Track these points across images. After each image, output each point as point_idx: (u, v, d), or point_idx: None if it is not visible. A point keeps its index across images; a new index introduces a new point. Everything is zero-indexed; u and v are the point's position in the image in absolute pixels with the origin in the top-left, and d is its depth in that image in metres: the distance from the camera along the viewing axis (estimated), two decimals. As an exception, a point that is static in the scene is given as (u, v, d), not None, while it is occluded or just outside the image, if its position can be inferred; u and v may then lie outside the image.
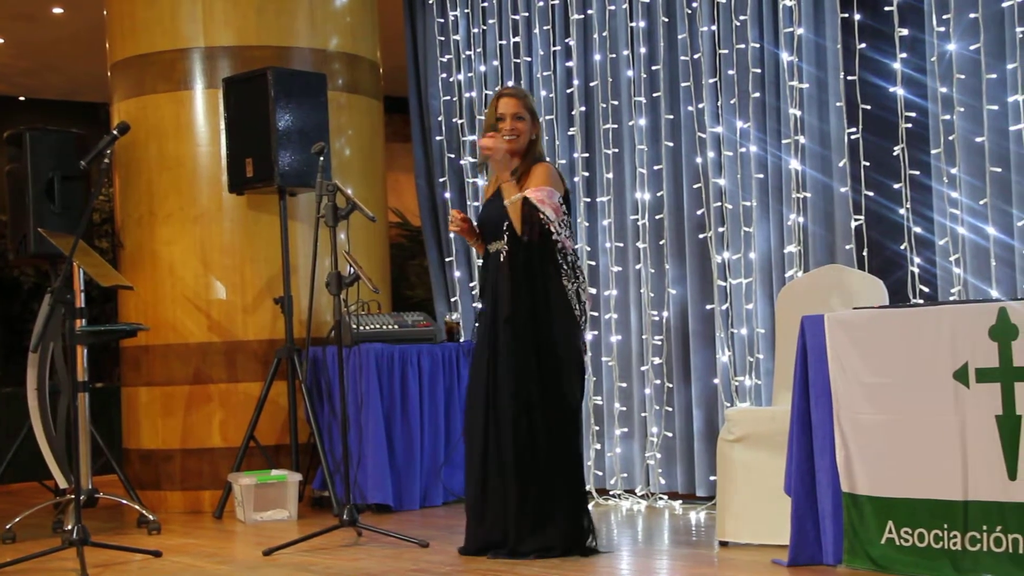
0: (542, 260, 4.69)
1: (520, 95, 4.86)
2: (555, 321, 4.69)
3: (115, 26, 6.99)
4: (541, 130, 4.90)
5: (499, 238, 4.79)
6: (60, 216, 6.39)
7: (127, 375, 6.90)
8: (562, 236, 4.69)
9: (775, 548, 4.55)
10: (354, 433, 6.18)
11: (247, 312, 6.64)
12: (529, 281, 4.69)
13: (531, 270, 4.68)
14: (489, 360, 4.76)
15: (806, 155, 5.60)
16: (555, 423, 4.72)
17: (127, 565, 5.04)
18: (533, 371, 4.68)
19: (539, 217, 4.63)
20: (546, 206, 4.64)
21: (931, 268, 5.24)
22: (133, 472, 6.76)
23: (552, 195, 4.69)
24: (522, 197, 4.65)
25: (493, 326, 4.78)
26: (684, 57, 6.06)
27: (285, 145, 6.32)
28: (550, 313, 4.69)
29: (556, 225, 4.66)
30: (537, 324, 4.69)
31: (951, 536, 4.02)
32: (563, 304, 4.70)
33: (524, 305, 4.68)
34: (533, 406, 4.69)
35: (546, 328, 4.70)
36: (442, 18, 7.13)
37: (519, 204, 4.65)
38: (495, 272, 4.80)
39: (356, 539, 5.38)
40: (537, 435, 4.69)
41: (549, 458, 4.70)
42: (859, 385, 4.22)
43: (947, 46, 5.12)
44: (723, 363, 5.88)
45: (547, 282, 4.69)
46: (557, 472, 4.71)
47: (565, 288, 4.70)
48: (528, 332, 4.69)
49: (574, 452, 4.78)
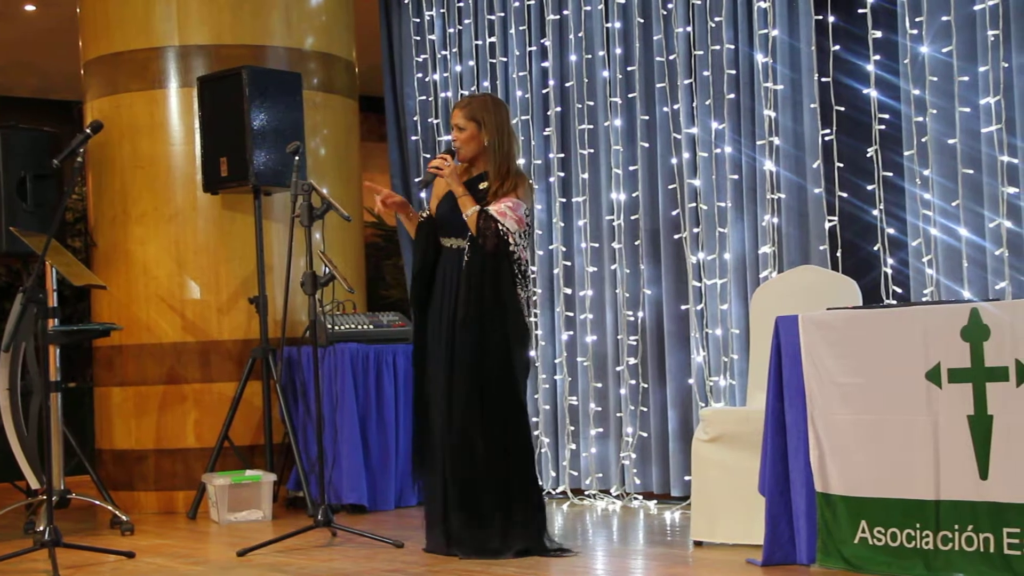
0: (499, 268, 4.82)
1: (462, 104, 4.99)
2: (509, 327, 4.83)
3: (88, 24, 6.95)
4: (505, 132, 4.91)
5: (458, 236, 4.90)
6: (32, 215, 6.35)
7: (100, 375, 6.86)
8: (519, 248, 4.83)
9: (749, 548, 4.57)
10: (329, 433, 6.16)
11: (222, 312, 6.61)
12: (490, 288, 4.82)
13: (491, 278, 4.83)
14: (442, 356, 4.87)
15: (780, 156, 5.63)
16: (509, 425, 4.83)
17: (100, 566, 5.02)
18: (487, 372, 4.81)
19: (496, 227, 4.78)
20: (508, 218, 4.79)
21: (904, 269, 5.28)
22: (106, 473, 6.72)
23: (518, 207, 4.83)
24: (478, 210, 4.80)
25: (449, 322, 4.88)
26: (659, 58, 6.08)
27: (260, 144, 6.30)
28: (505, 319, 4.83)
29: (515, 236, 4.81)
30: (494, 329, 4.82)
31: (923, 535, 4.04)
32: (515, 311, 4.84)
33: (483, 310, 4.82)
34: (485, 407, 4.80)
35: (501, 334, 4.83)
36: (418, 18, 7.13)
37: (475, 217, 4.80)
38: (454, 270, 4.90)
39: (331, 539, 5.37)
40: (488, 436, 4.80)
41: (503, 457, 4.81)
42: (833, 385, 4.24)
43: (920, 48, 5.15)
44: (698, 363, 5.89)
45: (502, 289, 4.83)
46: (512, 471, 4.82)
47: (518, 296, 4.85)
48: (485, 337, 4.82)
49: (528, 452, 4.89)
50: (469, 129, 4.90)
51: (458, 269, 4.87)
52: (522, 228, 4.83)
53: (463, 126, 4.91)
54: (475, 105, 4.94)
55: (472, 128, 4.90)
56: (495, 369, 4.81)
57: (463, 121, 4.92)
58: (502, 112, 4.96)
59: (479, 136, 4.90)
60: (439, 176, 4.90)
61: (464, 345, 4.82)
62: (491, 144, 4.89)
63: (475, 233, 4.80)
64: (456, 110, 4.98)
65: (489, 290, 4.81)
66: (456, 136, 4.94)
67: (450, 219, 4.92)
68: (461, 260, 4.86)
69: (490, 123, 4.90)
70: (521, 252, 4.84)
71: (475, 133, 4.90)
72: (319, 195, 5.46)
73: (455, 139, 4.95)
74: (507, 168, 4.89)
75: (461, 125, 4.92)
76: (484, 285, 4.81)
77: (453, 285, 4.89)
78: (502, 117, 4.94)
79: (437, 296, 4.95)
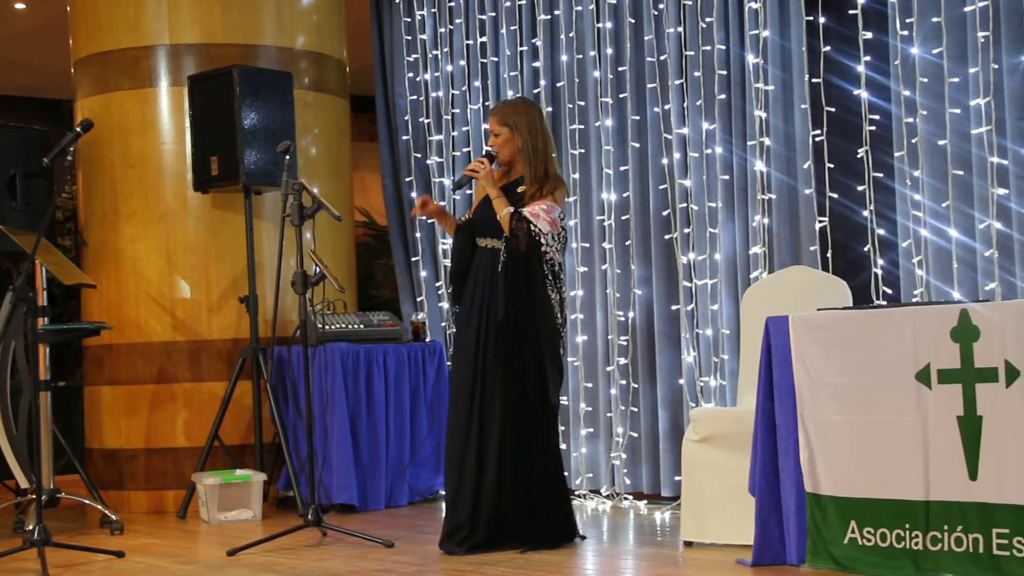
0: (532, 269, 4.92)
1: (496, 111, 5.12)
2: (541, 328, 4.93)
3: (78, 22, 6.93)
4: (538, 133, 5.01)
5: (494, 236, 5.00)
6: (22, 213, 6.33)
7: (90, 374, 6.85)
8: (552, 249, 4.92)
9: (739, 548, 4.58)
10: (319, 433, 6.16)
11: (212, 311, 6.60)
12: (521, 288, 4.92)
13: (525, 278, 4.93)
14: (476, 355, 4.96)
15: (771, 157, 5.63)
16: (538, 423, 4.93)
17: (89, 565, 5.01)
18: (519, 373, 4.91)
19: (528, 228, 4.88)
20: (541, 220, 4.89)
21: (894, 270, 5.29)
22: (96, 472, 6.71)
23: (552, 210, 4.94)
24: (511, 211, 4.90)
25: (483, 322, 4.96)
26: (650, 58, 6.08)
27: (251, 143, 6.30)
28: (536, 320, 4.93)
29: (548, 238, 4.91)
30: (527, 329, 4.92)
31: (913, 536, 4.05)
32: (548, 312, 4.93)
33: (516, 310, 4.91)
34: (518, 406, 4.90)
35: (534, 334, 4.92)
36: (409, 17, 7.12)
37: (508, 218, 4.91)
38: (490, 269, 4.98)
39: (321, 539, 5.37)
40: (521, 433, 4.90)
41: (532, 455, 4.90)
42: (823, 386, 4.25)
43: (910, 50, 5.16)
44: (688, 363, 5.90)
45: (536, 290, 4.93)
46: (541, 468, 4.91)
47: (550, 297, 4.93)
48: (519, 336, 4.91)
49: (556, 448, 5.01)
50: (503, 134, 5.04)
51: (492, 269, 4.98)
52: (555, 230, 4.93)
53: (497, 131, 5.06)
54: (507, 110, 5.08)
55: (506, 133, 5.03)
56: (525, 369, 4.91)
57: (496, 127, 5.06)
58: (534, 114, 5.07)
59: (513, 140, 5.02)
60: (475, 178, 5.03)
61: (496, 344, 4.92)
62: (524, 146, 5.00)
63: (508, 233, 4.91)
64: (490, 116, 5.13)
65: (523, 290, 4.92)
66: (492, 142, 5.07)
67: (486, 220, 5.03)
68: (496, 260, 4.98)
69: (522, 126, 5.02)
70: (554, 254, 4.93)
71: (509, 137, 5.03)
72: (310, 194, 5.46)
73: (491, 144, 5.07)
74: (543, 170, 5.00)
75: (495, 131, 5.07)
76: (518, 285, 4.92)
77: (487, 284, 4.99)
78: (534, 119, 5.05)
79: (468, 295, 5.05)
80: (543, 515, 4.92)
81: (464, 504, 4.91)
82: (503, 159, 5.07)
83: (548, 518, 4.94)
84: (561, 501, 5.01)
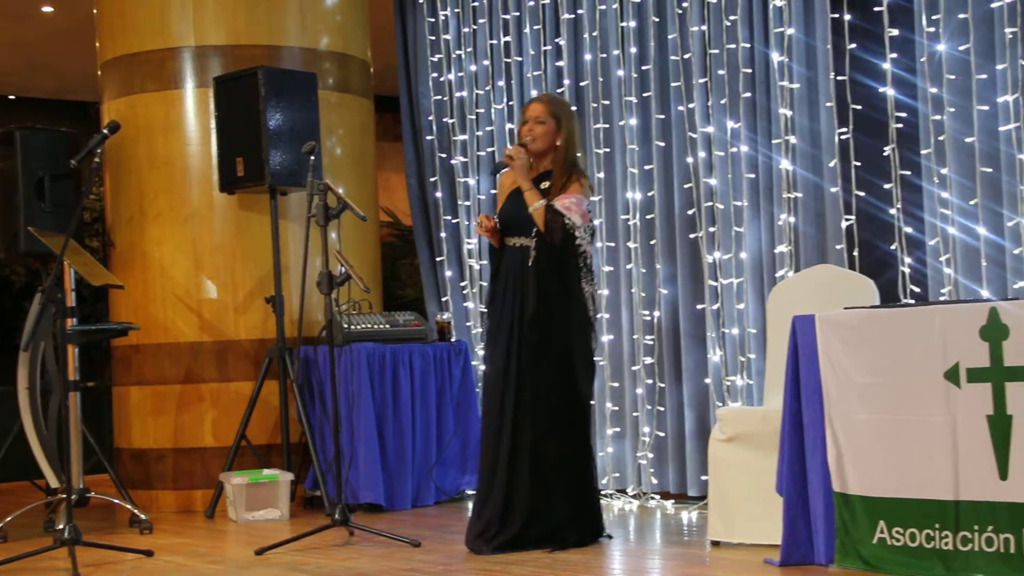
0: (565, 263, 4.90)
1: (545, 100, 5.09)
2: (573, 322, 4.91)
3: (105, 25, 6.97)
4: (575, 137, 5.03)
5: (523, 235, 4.97)
6: (51, 215, 6.37)
7: (118, 374, 6.89)
8: (584, 242, 4.90)
9: (767, 548, 4.56)
10: (346, 432, 6.17)
11: (238, 311, 6.63)
12: (554, 282, 4.90)
13: (555, 272, 4.90)
14: (508, 353, 4.96)
15: (797, 155, 5.61)
16: (570, 419, 4.94)
17: (119, 564, 5.04)
18: (552, 368, 4.90)
19: (562, 222, 4.85)
20: (572, 212, 4.87)
21: (922, 268, 5.26)
22: (124, 471, 6.75)
23: (582, 202, 4.92)
24: (544, 204, 4.87)
25: (514, 320, 4.96)
26: (674, 57, 6.07)
27: (276, 144, 6.32)
28: (569, 314, 4.91)
29: (580, 231, 4.88)
30: (558, 324, 4.91)
31: (943, 536, 4.03)
32: (581, 305, 4.92)
33: (548, 305, 4.89)
34: (551, 402, 4.90)
35: (565, 328, 4.91)
36: (433, 17, 7.13)
37: (542, 210, 4.88)
38: (519, 267, 4.97)
39: (348, 539, 5.38)
40: (553, 429, 4.91)
41: (564, 452, 4.92)
42: (850, 385, 4.23)
43: (937, 46, 5.14)
44: (714, 363, 5.89)
45: (568, 284, 4.91)
46: (573, 465, 4.93)
47: (583, 290, 4.91)
48: (551, 331, 4.91)
49: (587, 446, 5.01)
50: (549, 124, 4.99)
51: (523, 266, 4.95)
52: (586, 223, 4.91)
53: (544, 119, 4.99)
54: (557, 103, 5.07)
55: (552, 124, 4.99)
56: (558, 364, 4.90)
57: (544, 115, 5.00)
58: (573, 115, 5.12)
59: (555, 133, 4.99)
60: (510, 167, 4.98)
61: (530, 341, 4.91)
62: (563, 145, 4.99)
63: (542, 227, 4.88)
64: (536, 103, 5.05)
65: (556, 285, 4.90)
66: (532, 129, 4.98)
67: (515, 217, 5.00)
68: (526, 258, 4.95)
69: (566, 126, 5.02)
70: (586, 246, 4.91)
71: (552, 129, 4.99)
72: (335, 195, 5.47)
73: (530, 132, 4.99)
74: (568, 167, 4.99)
75: (542, 118, 4.99)
76: (551, 280, 4.90)
77: (517, 282, 4.97)
78: (574, 119, 5.09)
79: (499, 294, 5.04)
80: (574, 513, 4.92)
81: (496, 501, 4.90)
82: (536, 149, 5.00)
83: (578, 516, 4.94)
84: (591, 499, 5.02)
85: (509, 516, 4.89)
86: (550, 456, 4.90)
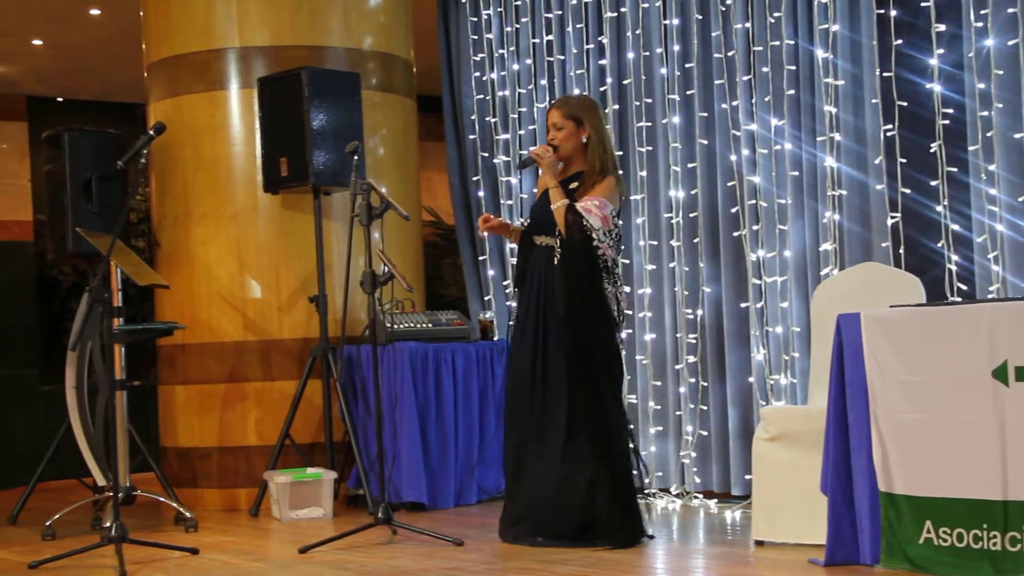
0: (588, 263, 4.93)
1: (560, 104, 5.14)
2: (596, 321, 4.95)
3: (151, 27, 7.03)
4: (602, 133, 5.05)
5: (549, 235, 5.02)
6: (98, 216, 6.44)
7: (164, 373, 6.95)
8: (603, 244, 4.93)
9: (811, 547, 4.53)
10: (388, 431, 6.19)
11: (282, 311, 6.67)
12: (579, 282, 4.94)
13: (580, 272, 4.94)
14: (535, 352, 5.00)
15: (841, 152, 5.57)
16: (602, 419, 4.94)
17: (165, 562, 5.08)
18: (579, 367, 4.94)
19: (582, 223, 4.89)
20: (593, 215, 4.90)
21: (969, 265, 5.20)
22: (170, 470, 6.81)
23: (604, 206, 4.93)
24: (566, 204, 4.91)
25: (541, 319, 5.00)
26: (718, 54, 6.04)
27: (319, 144, 6.35)
28: (592, 314, 4.94)
29: (599, 233, 4.91)
30: (582, 323, 4.94)
31: (991, 536, 3.98)
32: (601, 306, 4.95)
33: (575, 305, 4.93)
34: (580, 401, 4.92)
35: (589, 328, 4.95)
36: (475, 17, 7.14)
37: (563, 210, 4.92)
38: (545, 267, 5.03)
39: (391, 537, 5.39)
40: (580, 427, 4.93)
41: (591, 450, 4.92)
42: (896, 383, 4.19)
43: (985, 41, 5.07)
44: (758, 361, 5.85)
45: (591, 284, 4.94)
46: (602, 463, 4.92)
47: (605, 291, 4.95)
48: (577, 331, 4.94)
49: (615, 444, 4.97)
50: (567, 127, 5.04)
51: (548, 265, 5.00)
52: (607, 227, 4.92)
53: (560, 124, 5.05)
54: (573, 103, 5.11)
55: (571, 126, 5.03)
56: (584, 363, 4.93)
57: (560, 119, 5.05)
58: (596, 112, 5.10)
59: (577, 134, 5.03)
60: (538, 163, 5.03)
61: (556, 341, 4.96)
62: (590, 140, 5.01)
63: (561, 227, 4.93)
64: (553, 109, 5.11)
65: (577, 286, 4.93)
66: (554, 135, 5.06)
67: (543, 218, 5.05)
68: (551, 257, 5.00)
69: (588, 121, 5.03)
70: (606, 249, 4.93)
71: (573, 131, 5.03)
72: (378, 194, 5.49)
73: (552, 138, 5.06)
74: (595, 168, 5.00)
75: (559, 124, 5.05)
76: (573, 281, 4.93)
77: (543, 282, 5.02)
78: (597, 116, 5.08)
79: (525, 293, 5.10)
80: (608, 513, 4.91)
81: (523, 496, 4.98)
82: (564, 153, 5.06)
83: (613, 516, 4.92)
84: (626, 499, 4.99)
85: (538, 512, 4.94)
86: (577, 454, 4.91)
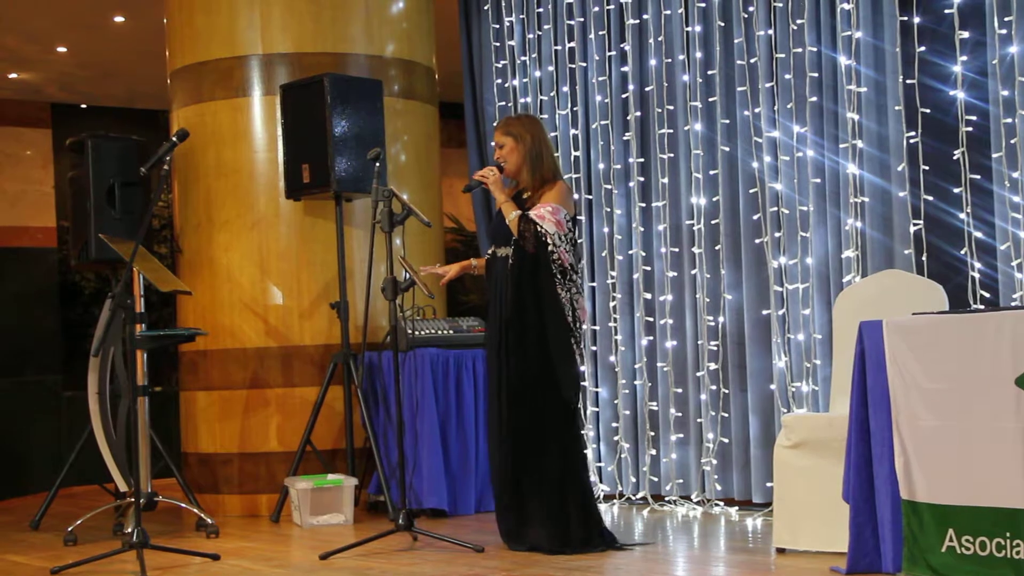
0: (540, 270, 5.10)
1: (499, 125, 5.38)
2: (548, 325, 5.09)
3: (175, 34, 7.07)
4: (539, 143, 5.24)
5: (506, 245, 5.21)
6: (120, 222, 6.48)
7: (185, 379, 6.97)
8: (559, 249, 5.08)
9: (833, 555, 4.51)
10: (409, 438, 6.20)
11: (303, 317, 6.68)
12: (529, 288, 5.12)
13: (531, 278, 5.12)
14: (499, 357, 5.18)
15: (864, 159, 5.55)
16: (551, 424, 5.08)
17: (186, 568, 5.10)
18: (528, 373, 5.09)
19: (535, 230, 5.07)
20: (547, 221, 5.08)
21: (992, 273, 5.17)
22: (191, 476, 6.83)
23: (557, 212, 5.11)
24: (519, 214, 5.11)
25: (500, 325, 5.19)
26: (740, 61, 6.03)
27: (341, 151, 6.37)
28: (543, 317, 5.10)
29: (555, 238, 5.07)
30: (533, 329, 5.10)
31: (1014, 544, 3.95)
32: (556, 310, 5.09)
33: (524, 309, 5.11)
34: (528, 405, 5.09)
35: (540, 333, 5.10)
36: (497, 24, 7.15)
37: (516, 220, 5.11)
38: (502, 275, 5.21)
39: (412, 544, 5.40)
40: (531, 434, 5.08)
41: (541, 453, 5.06)
42: (918, 391, 4.17)
43: (1009, 48, 5.05)
44: (779, 369, 5.83)
45: (543, 290, 5.10)
46: (554, 470, 5.05)
47: (559, 296, 5.09)
48: (525, 335, 5.10)
49: (574, 451, 5.13)
50: (507, 143, 5.28)
51: (504, 274, 5.19)
52: (561, 231, 5.09)
53: (501, 143, 5.31)
54: (510, 122, 5.37)
55: (509, 142, 5.28)
56: (534, 368, 5.07)
57: (501, 138, 5.31)
58: (536, 126, 5.35)
59: (517, 148, 5.25)
60: (484, 184, 5.27)
61: (510, 344, 5.12)
62: (528, 152, 5.22)
63: (516, 236, 5.11)
64: (496, 131, 5.36)
65: (529, 290, 5.11)
66: (499, 154, 5.30)
67: (500, 230, 5.26)
68: (507, 265, 5.18)
69: (524, 134, 5.26)
70: (561, 254, 5.09)
71: (513, 146, 5.27)
72: (399, 201, 5.50)
73: (498, 157, 5.30)
74: (541, 177, 5.21)
75: (500, 142, 5.31)
76: (524, 285, 5.12)
77: (500, 289, 5.20)
78: (536, 129, 5.31)
79: (490, 303, 5.29)
80: (560, 518, 5.01)
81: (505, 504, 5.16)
82: (510, 169, 5.26)
83: (565, 521, 5.01)
84: (579, 504, 5.06)
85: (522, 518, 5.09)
86: (530, 459, 5.04)
